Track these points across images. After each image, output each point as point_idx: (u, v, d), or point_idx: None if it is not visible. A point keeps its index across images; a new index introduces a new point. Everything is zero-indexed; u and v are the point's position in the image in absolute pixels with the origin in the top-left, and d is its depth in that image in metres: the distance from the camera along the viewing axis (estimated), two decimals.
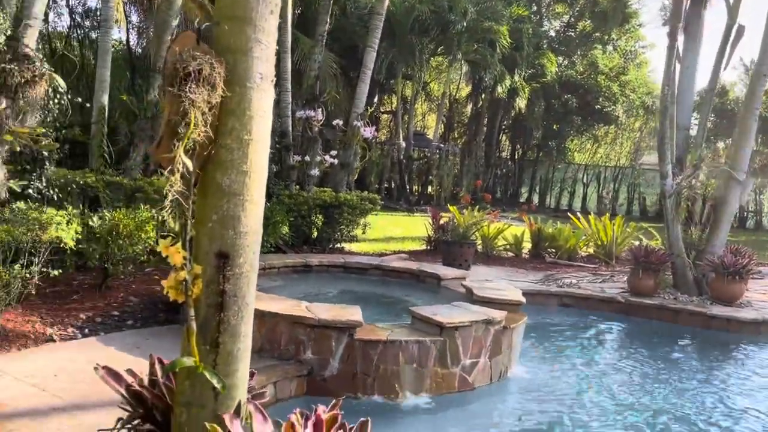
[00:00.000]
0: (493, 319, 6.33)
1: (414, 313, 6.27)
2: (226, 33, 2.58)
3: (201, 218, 2.63)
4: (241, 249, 2.64)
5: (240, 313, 2.68)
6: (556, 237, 13.06)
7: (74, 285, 7.64)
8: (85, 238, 7.07)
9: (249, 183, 2.63)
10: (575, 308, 9.88)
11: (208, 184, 2.61)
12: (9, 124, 5.85)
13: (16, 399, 4.63)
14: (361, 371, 5.78)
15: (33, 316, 6.41)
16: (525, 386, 6.64)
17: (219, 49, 2.57)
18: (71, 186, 8.01)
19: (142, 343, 6.09)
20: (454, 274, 8.53)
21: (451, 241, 10.96)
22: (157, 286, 8.04)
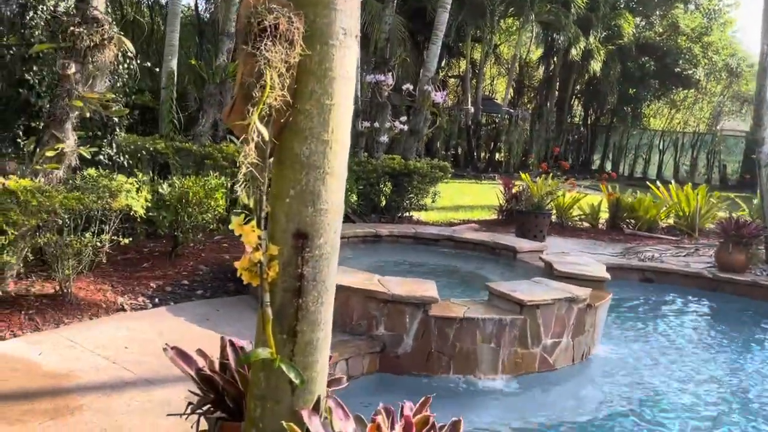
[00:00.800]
0: (576, 297, 5.94)
1: (491, 289, 5.94)
2: None
3: (277, 193, 2.35)
4: (321, 228, 2.36)
5: (320, 298, 2.40)
6: (636, 207, 12.42)
7: (145, 252, 7.60)
8: (155, 205, 6.98)
9: (330, 154, 2.33)
10: (658, 283, 9.34)
11: (284, 155, 2.33)
12: (78, 90, 5.72)
13: (87, 372, 4.54)
14: (436, 349, 5.51)
15: (104, 284, 6.36)
16: (608, 367, 6.25)
17: (297, 1, 2.26)
18: (141, 152, 7.93)
19: (212, 314, 5.96)
20: (530, 247, 8.13)
21: (525, 211, 10.51)
22: (227, 254, 7.93)
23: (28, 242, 5.39)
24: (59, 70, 5.65)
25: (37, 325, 5.27)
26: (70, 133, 5.77)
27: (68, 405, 4.06)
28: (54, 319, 5.41)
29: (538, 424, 5.06)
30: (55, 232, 5.60)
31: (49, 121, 5.74)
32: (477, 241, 8.34)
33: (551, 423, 5.11)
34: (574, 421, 5.14)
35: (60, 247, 5.52)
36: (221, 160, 8.49)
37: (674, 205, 13.18)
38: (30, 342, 4.97)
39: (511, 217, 12.07)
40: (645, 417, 5.27)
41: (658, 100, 29.50)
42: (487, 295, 6.02)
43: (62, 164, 5.74)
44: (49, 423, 3.82)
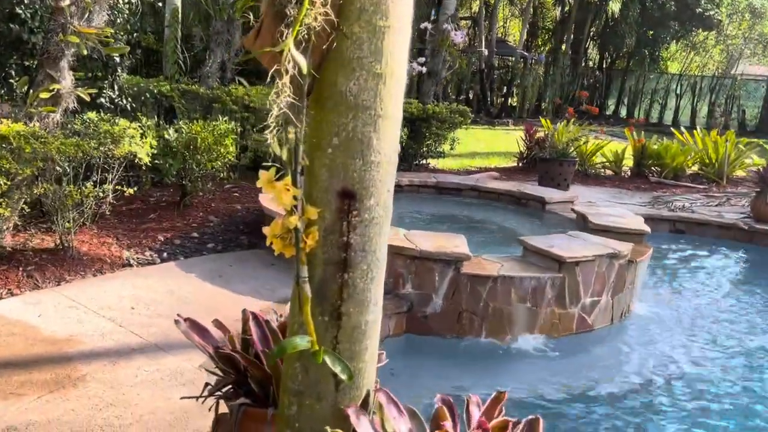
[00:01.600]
0: (618, 253, 5.49)
1: (526, 244, 5.48)
2: None
3: (317, 141, 1.87)
4: (372, 185, 1.88)
5: (369, 272, 1.95)
6: (662, 154, 11.86)
7: (151, 203, 7.14)
8: (161, 152, 6.49)
9: (383, 91, 1.84)
10: (690, 235, 8.88)
11: (326, 92, 1.84)
12: (74, 24, 5.17)
13: (91, 336, 4.14)
14: (467, 309, 5.10)
15: (108, 237, 5.93)
16: (648, 328, 5.84)
17: None
18: (145, 95, 7.40)
19: (225, 270, 5.54)
20: (560, 197, 7.64)
21: (548, 158, 9.98)
22: (238, 204, 7.48)
23: (24, 193, 4.93)
24: (52, 2, 5.09)
25: (37, 283, 4.86)
26: (66, 73, 5.24)
27: (70, 375, 3.67)
28: (55, 276, 5.00)
29: (577, 392, 4.68)
30: (54, 182, 5.13)
31: (42, 59, 5.21)
32: (503, 191, 7.85)
33: (590, 390, 4.73)
34: (614, 388, 4.75)
35: (59, 198, 5.06)
36: (230, 103, 7.95)
37: (700, 151, 12.61)
38: (29, 302, 4.57)
39: (532, 165, 11.55)
40: (687, 384, 4.88)
41: (677, 42, 28.47)
42: (521, 250, 5.57)
43: (58, 107, 5.23)
44: (48, 397, 3.42)
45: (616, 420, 4.37)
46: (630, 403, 4.57)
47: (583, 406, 4.51)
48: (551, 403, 4.48)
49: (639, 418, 4.42)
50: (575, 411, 4.43)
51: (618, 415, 4.41)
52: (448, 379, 4.73)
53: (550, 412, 4.37)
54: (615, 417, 4.40)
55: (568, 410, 4.44)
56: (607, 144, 12.31)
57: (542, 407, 4.44)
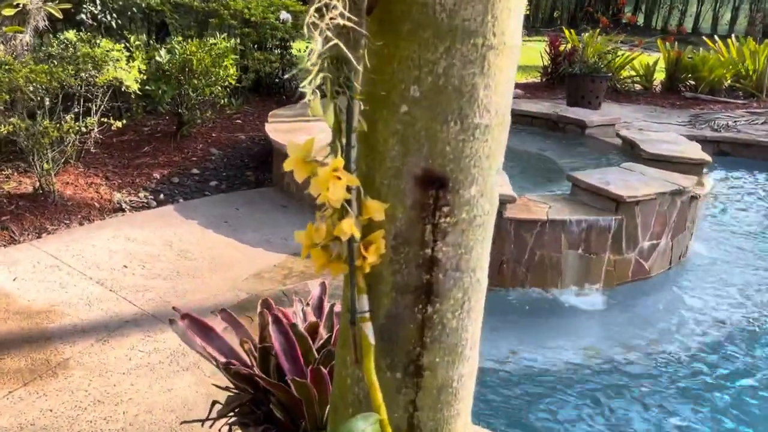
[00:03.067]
0: (683, 189, 4.76)
1: (577, 180, 4.75)
2: None
3: (384, 93, 1.13)
4: (474, 164, 1.16)
5: (466, 302, 1.24)
6: (699, 67, 10.90)
7: (145, 132, 6.37)
8: (153, 76, 5.68)
9: (499, 2, 1.07)
10: (735, 157, 8.12)
11: (400, 5, 1.07)
12: None
13: (76, 306, 3.48)
14: (511, 258, 4.43)
15: (97, 176, 5.20)
16: (709, 272, 5.19)
17: None
18: (132, 10, 6.49)
19: (231, 214, 4.84)
20: (600, 120, 6.84)
21: (578, 74, 9.06)
22: (241, 133, 6.71)
23: None
24: None
25: (13, 236, 4.18)
26: None
27: (49, 360, 3.03)
28: (34, 227, 4.32)
29: (637, 351, 4.07)
30: (26, 117, 4.37)
31: None
32: (537, 114, 7.03)
33: (652, 348, 4.12)
34: (679, 345, 4.14)
35: (33, 135, 4.31)
36: (229, 18, 7.04)
37: (736, 62, 11.63)
38: (3, 262, 3.90)
39: (558, 81, 10.64)
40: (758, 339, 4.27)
41: None
42: (569, 187, 4.84)
43: (27, 25, 4.41)
44: (21, 392, 2.80)
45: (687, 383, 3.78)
46: (697, 364, 3.96)
47: (645, 369, 3.90)
48: (608, 366, 3.88)
49: (710, 378, 3.83)
50: (637, 375, 3.82)
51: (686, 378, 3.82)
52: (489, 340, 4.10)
53: (606, 377, 3.79)
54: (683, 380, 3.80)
55: (629, 375, 3.83)
56: (638, 56, 11.33)
57: (598, 371, 3.85)
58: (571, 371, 3.77)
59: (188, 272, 3.93)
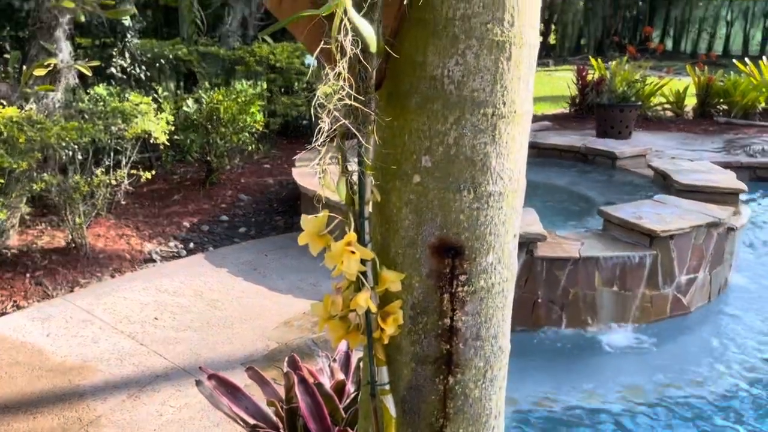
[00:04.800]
0: (718, 221, 4.65)
1: (609, 215, 4.67)
2: None
3: (396, 165, 1.10)
4: (490, 232, 1.12)
5: (489, 370, 1.20)
6: (731, 91, 10.75)
7: (174, 181, 6.45)
8: (181, 126, 5.77)
9: (508, 73, 1.06)
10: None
11: (409, 80, 1.07)
12: None
13: (107, 361, 3.49)
14: (544, 298, 4.34)
15: (127, 227, 5.27)
16: (751, 302, 5.03)
17: None
18: (160, 61, 6.64)
19: (260, 261, 4.85)
20: (631, 151, 6.76)
21: (607, 104, 8.99)
22: (269, 178, 6.77)
23: (25, 189, 4.26)
24: None
25: (47, 291, 4.23)
26: (63, 44, 4.52)
27: (81, 418, 3.03)
28: (67, 281, 4.36)
29: (681, 393, 3.92)
30: (58, 172, 4.46)
31: (34, 29, 4.49)
32: (566, 147, 6.98)
33: (697, 390, 3.97)
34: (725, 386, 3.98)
35: (65, 191, 4.38)
36: (254, 64, 7.16)
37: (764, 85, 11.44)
38: (36, 316, 3.94)
39: (587, 111, 10.57)
40: None
41: None
42: (601, 222, 4.77)
43: (57, 84, 4.53)
44: None
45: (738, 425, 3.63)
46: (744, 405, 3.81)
47: (691, 413, 3.76)
48: (651, 410, 3.75)
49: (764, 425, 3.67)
50: (682, 418, 3.69)
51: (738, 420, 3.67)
52: (526, 383, 4.01)
53: (650, 421, 3.66)
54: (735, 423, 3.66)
55: (674, 419, 3.70)
56: (667, 83, 11.22)
57: (640, 415, 3.72)
58: (608, 415, 3.66)
59: (218, 322, 3.93)
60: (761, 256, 5.93)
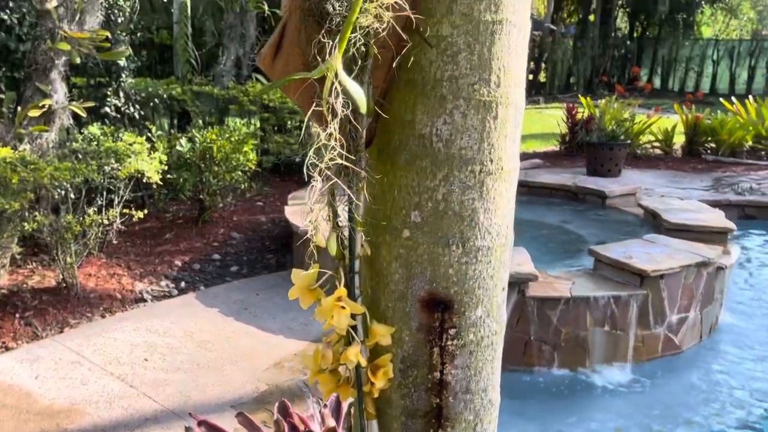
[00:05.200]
0: (708, 260, 4.68)
1: (599, 255, 4.70)
2: None
3: (386, 220, 1.12)
4: (479, 286, 1.14)
5: (478, 424, 1.21)
6: (718, 130, 10.90)
7: (166, 220, 6.46)
8: (174, 165, 5.79)
9: (494, 132, 1.09)
10: (762, 220, 7.99)
11: (398, 137, 1.10)
12: (64, 28, 4.47)
13: (96, 403, 3.46)
14: (535, 338, 4.35)
15: (119, 266, 5.26)
16: (742, 341, 5.04)
17: None
18: (154, 100, 6.69)
19: (252, 301, 4.84)
20: (621, 190, 6.83)
21: (597, 143, 9.09)
22: (262, 215, 6.78)
23: (16, 229, 4.26)
24: (36, 4, 4.38)
25: (36, 332, 4.20)
26: (59, 85, 4.56)
27: None
28: (57, 322, 4.34)
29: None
30: (50, 212, 4.46)
31: (30, 70, 4.53)
32: (556, 186, 7.04)
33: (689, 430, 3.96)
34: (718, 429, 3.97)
35: (57, 231, 4.38)
36: (248, 104, 7.23)
37: (756, 123, 11.60)
38: (25, 358, 3.91)
39: (577, 149, 10.67)
40: None
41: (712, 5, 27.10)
42: (592, 261, 4.79)
43: (52, 125, 4.55)
44: None
45: None
46: None
47: None
48: None
49: None
50: None
51: None
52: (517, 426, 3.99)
53: None
54: None
55: None
56: (656, 120, 11.36)
57: None
58: None
59: (208, 364, 3.90)
60: (752, 295, 5.95)
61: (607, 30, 25.64)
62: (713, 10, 27.84)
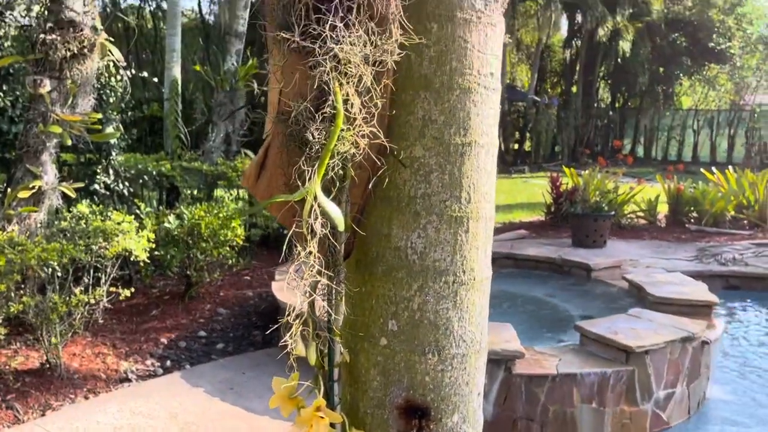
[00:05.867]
0: (693, 335, 4.72)
1: (585, 331, 4.74)
2: None
3: (364, 328, 1.16)
4: (454, 392, 1.18)
5: None
6: (700, 200, 11.10)
7: (153, 296, 6.45)
8: (162, 241, 5.83)
9: (466, 244, 1.15)
10: (746, 290, 8.06)
11: (375, 250, 1.15)
12: (56, 112, 4.58)
13: None
14: (524, 416, 4.32)
15: (104, 344, 5.22)
16: (730, 417, 5.02)
17: None
18: (143, 177, 6.78)
19: (237, 380, 4.80)
20: (606, 263, 6.91)
21: (582, 214, 9.23)
22: (249, 290, 6.79)
23: (2, 310, 4.25)
24: (30, 89, 4.50)
25: (18, 416, 4.14)
26: (49, 167, 4.63)
27: None
28: (39, 404, 4.28)
29: None
30: (36, 292, 4.46)
31: (21, 153, 4.61)
32: (542, 259, 7.12)
33: None
34: None
35: (42, 311, 4.37)
36: (236, 179, 7.33)
37: (736, 193, 11.83)
38: None
39: (562, 219, 10.80)
40: None
41: (690, 77, 27.92)
42: (578, 338, 4.82)
43: (41, 205, 4.60)
44: None
45: None
46: None
47: None
48: None
49: None
50: None
51: None
52: None
53: None
54: None
55: None
56: (640, 190, 11.57)
57: None
58: None
59: None
60: (739, 368, 5.96)
61: (589, 101, 26.34)
62: (691, 82, 28.64)
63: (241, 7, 8.26)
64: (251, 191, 1.17)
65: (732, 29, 24.92)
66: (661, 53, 25.31)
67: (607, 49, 24.60)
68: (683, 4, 26.05)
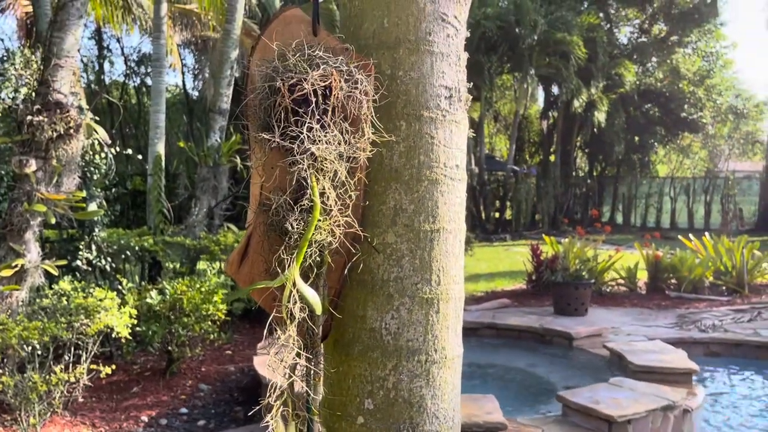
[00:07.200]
0: (673, 403, 4.75)
1: (566, 401, 4.75)
2: (369, 8, 1.19)
3: (341, 407, 1.22)
4: None
5: None
6: (678, 267, 11.26)
7: (134, 372, 6.38)
8: (144, 316, 5.82)
9: (437, 324, 1.21)
10: (726, 357, 8.10)
11: (351, 331, 1.22)
12: (41, 191, 4.65)
13: None
14: None
15: (83, 424, 5.14)
16: None
17: (359, 42, 1.17)
18: (125, 252, 6.81)
19: None
20: (587, 332, 6.95)
21: (563, 282, 9.33)
22: (231, 365, 6.74)
23: None
24: (15, 169, 4.58)
25: None
26: (32, 245, 4.67)
27: None
28: None
29: None
30: (16, 371, 4.42)
31: (5, 231, 4.65)
32: (524, 328, 7.16)
33: None
34: None
35: (21, 391, 4.33)
36: (219, 253, 7.37)
37: (714, 259, 12.03)
38: None
39: (543, 288, 10.89)
40: None
41: (665, 146, 28.68)
42: (561, 408, 4.83)
43: (23, 283, 4.61)
44: None
45: None
46: None
47: None
48: None
49: None
50: None
51: None
52: None
53: None
54: None
55: None
56: (619, 258, 11.72)
57: None
58: None
59: None
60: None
61: (568, 170, 26.88)
62: (666, 151, 29.38)
63: (225, 84, 8.50)
64: (234, 277, 1.24)
65: (702, 100, 25.76)
66: (635, 123, 26.06)
67: (584, 120, 25.27)
68: (655, 76, 26.99)
